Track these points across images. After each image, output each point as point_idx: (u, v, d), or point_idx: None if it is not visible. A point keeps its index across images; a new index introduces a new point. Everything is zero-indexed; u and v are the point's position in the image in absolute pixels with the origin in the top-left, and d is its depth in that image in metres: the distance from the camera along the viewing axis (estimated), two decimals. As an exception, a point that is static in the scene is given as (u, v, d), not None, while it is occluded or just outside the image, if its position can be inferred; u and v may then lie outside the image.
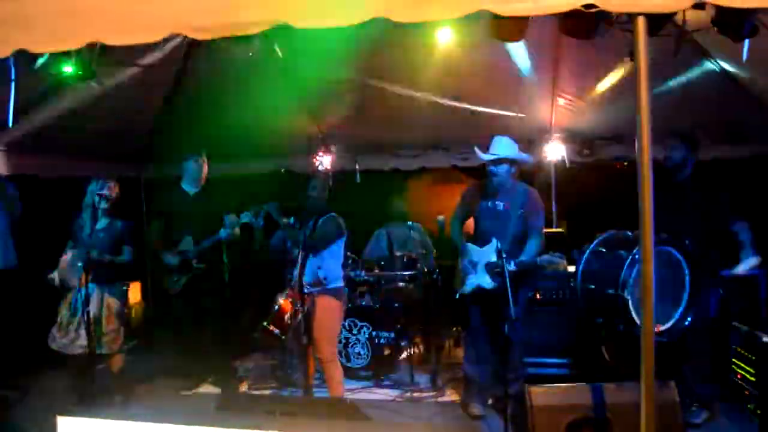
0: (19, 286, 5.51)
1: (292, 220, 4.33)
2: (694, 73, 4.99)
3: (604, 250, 4.01)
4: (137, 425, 1.92)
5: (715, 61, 4.79)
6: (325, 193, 4.45)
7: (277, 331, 4.26)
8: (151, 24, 2.53)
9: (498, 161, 4.49)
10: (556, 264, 4.17)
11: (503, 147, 4.52)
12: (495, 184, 4.56)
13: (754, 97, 5.09)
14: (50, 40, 2.68)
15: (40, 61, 3.44)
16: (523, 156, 4.64)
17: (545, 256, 4.23)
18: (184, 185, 5.35)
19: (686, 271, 3.92)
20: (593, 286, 3.93)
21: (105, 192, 4.84)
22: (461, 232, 4.85)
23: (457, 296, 4.76)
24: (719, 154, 6.23)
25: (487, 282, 4.46)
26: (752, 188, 6.05)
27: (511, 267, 4.12)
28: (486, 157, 4.53)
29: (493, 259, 4.40)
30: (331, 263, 4.39)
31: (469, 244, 4.71)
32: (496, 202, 4.58)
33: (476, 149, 4.64)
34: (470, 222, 4.90)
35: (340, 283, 4.48)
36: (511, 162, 4.53)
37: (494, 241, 4.40)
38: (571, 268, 5.11)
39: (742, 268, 4.04)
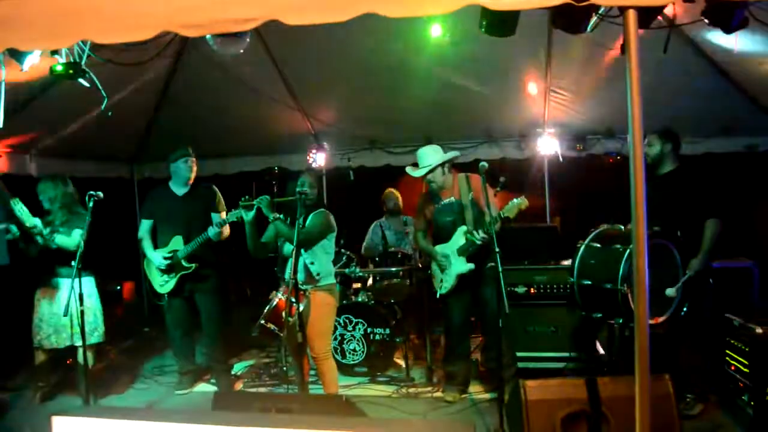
0: (11, 284, 5.50)
1: (281, 215, 4.32)
2: (687, 68, 5.02)
3: (598, 245, 4.02)
4: (133, 424, 1.90)
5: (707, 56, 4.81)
6: (315, 189, 4.45)
7: (275, 328, 4.25)
8: (142, 22, 2.51)
9: (430, 171, 4.75)
10: (517, 204, 4.21)
11: (426, 158, 4.77)
12: (438, 189, 4.84)
13: (745, 90, 5.12)
14: (41, 38, 2.66)
15: (30, 60, 3.42)
16: (448, 156, 4.82)
17: (507, 205, 4.29)
18: (173, 186, 5.33)
19: (679, 263, 3.94)
20: (590, 282, 3.94)
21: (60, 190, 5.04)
22: (428, 241, 5.05)
23: (438, 296, 4.92)
24: (711, 149, 6.28)
25: (464, 266, 4.66)
26: (744, 181, 6.09)
27: (481, 234, 4.45)
28: (415, 174, 4.84)
29: (462, 242, 4.64)
30: (323, 259, 4.40)
31: (437, 246, 4.89)
32: (446, 199, 4.86)
33: (407, 169, 4.96)
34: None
35: (333, 280, 4.50)
36: (441, 166, 4.76)
37: (458, 229, 4.68)
38: (566, 262, 5.13)
39: (669, 291, 3.99)
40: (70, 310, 4.36)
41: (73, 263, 4.53)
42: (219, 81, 5.69)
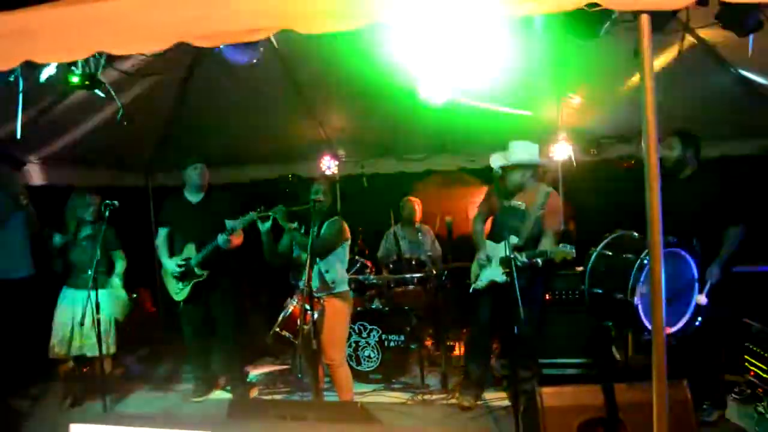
0: (35, 295, 5.58)
1: (296, 224, 4.34)
2: (702, 71, 4.97)
3: (610, 253, 3.97)
4: (149, 431, 1.92)
5: (725, 62, 4.78)
6: (330, 196, 4.46)
7: (289, 335, 4.28)
8: (156, 33, 2.54)
9: (512, 167, 4.61)
10: (565, 253, 4.17)
11: (517, 153, 4.62)
12: (514, 185, 4.69)
13: (761, 92, 5.07)
14: (57, 50, 2.70)
15: (47, 72, 3.47)
16: (537, 161, 4.71)
17: (556, 248, 4.25)
18: (187, 193, 5.37)
19: (695, 274, 3.89)
20: (601, 291, 3.91)
21: (91, 205, 5.18)
22: (482, 230, 4.93)
23: (471, 291, 4.83)
24: (726, 151, 6.21)
25: (500, 276, 4.55)
26: (761, 184, 6.01)
27: (523, 258, 4.25)
28: (497, 165, 4.68)
29: (506, 252, 4.47)
30: (338, 267, 4.41)
31: (487, 240, 4.80)
32: (517, 202, 4.69)
33: (492, 159, 4.74)
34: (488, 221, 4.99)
35: (346, 287, 4.50)
36: (524, 167, 4.61)
37: (510, 238, 4.47)
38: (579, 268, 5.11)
39: (702, 300, 3.89)
40: (87, 320, 4.43)
41: (89, 272, 4.59)
42: (233, 90, 5.72)
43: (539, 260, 4.27)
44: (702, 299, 3.83)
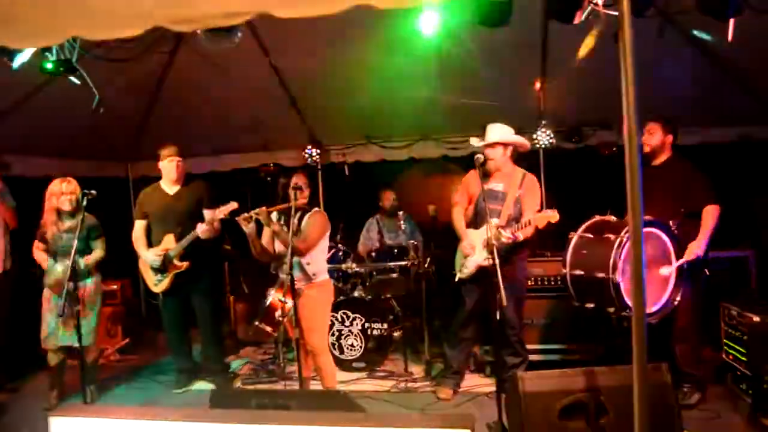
0: (12, 288, 5.51)
1: (276, 216, 4.30)
2: (679, 56, 5.00)
3: (591, 235, 4.01)
4: (131, 423, 1.90)
5: (700, 44, 4.80)
6: (309, 188, 4.42)
7: (268, 328, 4.26)
8: (133, 18, 2.49)
9: (490, 146, 4.63)
10: (547, 216, 4.19)
11: (494, 133, 4.66)
12: (492, 168, 4.70)
13: (739, 79, 5.11)
14: (31, 35, 2.64)
15: (21, 58, 3.40)
16: (515, 139, 4.71)
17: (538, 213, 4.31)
18: (164, 184, 5.29)
19: (672, 253, 3.93)
20: (582, 272, 3.94)
21: (67, 192, 4.95)
22: (462, 219, 4.90)
23: (456, 280, 4.86)
24: (705, 138, 6.27)
25: (485, 260, 4.50)
26: (739, 170, 6.09)
27: (507, 234, 4.28)
28: (477, 144, 4.71)
29: (490, 234, 4.50)
30: (319, 258, 4.39)
31: (469, 229, 4.79)
32: (495, 185, 4.70)
33: (472, 140, 4.83)
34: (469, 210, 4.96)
35: (327, 276, 4.50)
36: (504, 146, 4.64)
37: (491, 221, 4.49)
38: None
39: (665, 270, 3.91)
40: (66, 311, 4.36)
41: (67, 263, 4.52)
42: (213, 78, 5.66)
43: (520, 234, 4.28)
44: (665, 270, 3.86)
